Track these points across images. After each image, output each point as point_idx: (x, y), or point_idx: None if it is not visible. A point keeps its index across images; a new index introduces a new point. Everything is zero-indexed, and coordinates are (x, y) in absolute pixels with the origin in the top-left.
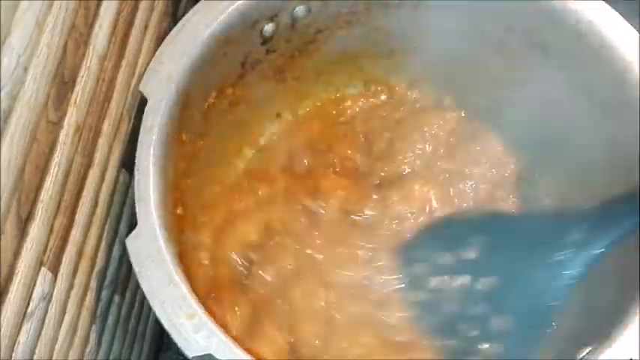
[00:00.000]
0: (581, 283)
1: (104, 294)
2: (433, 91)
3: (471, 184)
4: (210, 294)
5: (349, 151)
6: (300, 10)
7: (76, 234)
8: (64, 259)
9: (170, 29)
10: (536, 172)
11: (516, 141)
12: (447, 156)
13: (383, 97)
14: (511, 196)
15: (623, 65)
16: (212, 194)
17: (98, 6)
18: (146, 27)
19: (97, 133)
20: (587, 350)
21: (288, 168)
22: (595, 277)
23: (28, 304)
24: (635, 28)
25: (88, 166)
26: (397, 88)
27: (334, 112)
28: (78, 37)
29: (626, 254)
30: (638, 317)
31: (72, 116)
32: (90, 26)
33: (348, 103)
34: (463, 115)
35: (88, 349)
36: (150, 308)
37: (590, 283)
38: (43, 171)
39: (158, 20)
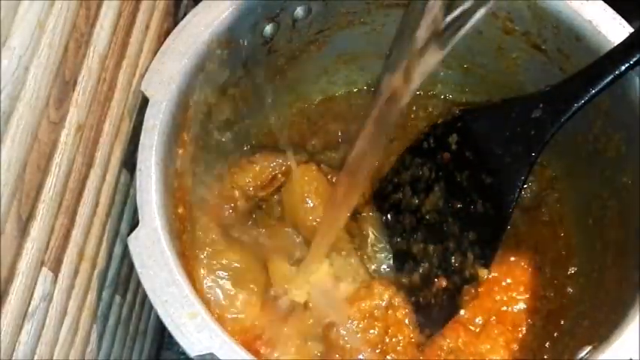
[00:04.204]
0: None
1: (105, 294)
2: (433, 90)
3: None
4: None
5: (347, 149)
6: (300, 10)
7: (77, 234)
8: (65, 259)
9: (171, 29)
10: None
11: None
12: None
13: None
14: None
15: None
16: None
17: (99, 6)
18: (147, 27)
19: (98, 132)
20: (588, 350)
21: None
22: (594, 279)
23: (29, 304)
24: (634, 28)
25: (89, 165)
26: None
27: (334, 111)
28: (79, 37)
29: (625, 256)
30: (637, 317)
31: (73, 116)
32: (91, 26)
33: (349, 103)
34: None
35: (88, 349)
36: (151, 308)
37: (591, 284)
38: (44, 171)
39: (159, 20)
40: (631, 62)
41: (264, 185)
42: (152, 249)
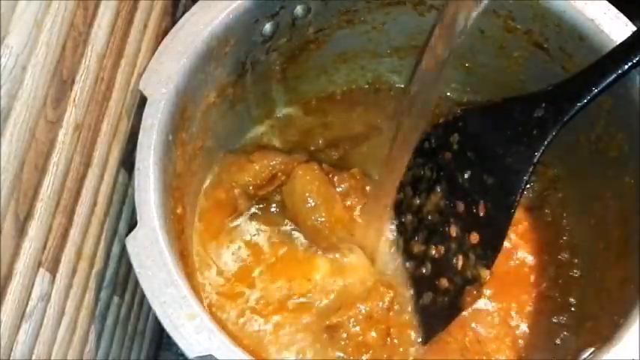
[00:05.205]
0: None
1: (103, 294)
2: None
3: None
4: None
5: (347, 148)
6: (300, 9)
7: (75, 233)
8: (62, 259)
9: (169, 29)
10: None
11: None
12: None
13: (384, 98)
14: None
15: None
16: None
17: (97, 6)
18: (145, 26)
19: (96, 132)
20: (590, 351)
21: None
22: (596, 279)
23: (27, 304)
24: (636, 27)
25: (87, 165)
26: (398, 88)
27: (335, 110)
28: (77, 36)
29: (627, 256)
30: (639, 318)
31: (71, 115)
32: (89, 25)
33: (349, 102)
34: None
35: (87, 349)
36: (149, 308)
37: (593, 284)
38: (41, 170)
39: (157, 20)
40: (633, 61)
41: (264, 184)
42: (150, 249)
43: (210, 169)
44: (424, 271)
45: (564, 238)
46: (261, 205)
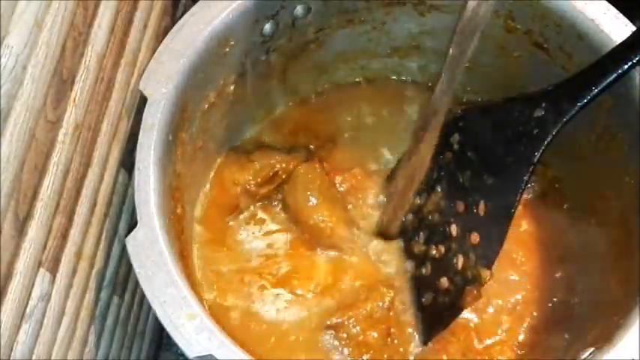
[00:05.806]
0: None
1: (103, 294)
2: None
3: None
4: None
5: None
6: (300, 9)
7: (75, 233)
8: (62, 259)
9: (169, 28)
10: None
11: None
12: None
13: (384, 98)
14: None
15: None
16: None
17: (97, 5)
18: (145, 26)
19: (96, 132)
20: (590, 351)
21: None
22: (596, 279)
23: (27, 304)
24: (636, 27)
25: (87, 165)
26: (398, 87)
27: (335, 110)
28: (77, 36)
29: (627, 256)
30: (638, 318)
31: (71, 115)
32: (89, 25)
33: (349, 102)
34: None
35: (87, 349)
36: (149, 308)
37: (594, 284)
38: (41, 170)
39: (157, 20)
40: (633, 61)
41: (264, 183)
42: (150, 249)
43: (211, 169)
44: (424, 271)
45: (564, 238)
46: (262, 204)
